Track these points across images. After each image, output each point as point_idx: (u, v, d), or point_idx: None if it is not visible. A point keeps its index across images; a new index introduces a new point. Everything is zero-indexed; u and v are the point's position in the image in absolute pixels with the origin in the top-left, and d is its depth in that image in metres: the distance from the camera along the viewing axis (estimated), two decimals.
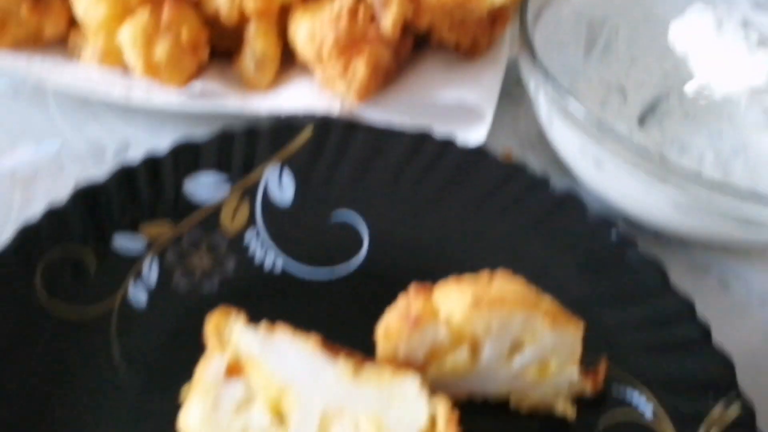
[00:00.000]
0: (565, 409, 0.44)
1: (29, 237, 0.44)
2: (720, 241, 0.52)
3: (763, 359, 0.50)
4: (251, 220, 0.50)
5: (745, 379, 0.43)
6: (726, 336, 0.45)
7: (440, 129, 0.53)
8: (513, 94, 0.62)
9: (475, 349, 0.42)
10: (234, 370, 0.39)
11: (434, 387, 0.40)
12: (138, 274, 0.46)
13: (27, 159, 0.53)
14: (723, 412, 0.43)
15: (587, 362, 0.43)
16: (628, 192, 0.49)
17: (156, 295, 0.46)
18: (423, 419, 0.37)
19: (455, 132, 0.53)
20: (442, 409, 0.37)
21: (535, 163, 0.58)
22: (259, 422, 0.37)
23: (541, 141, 0.60)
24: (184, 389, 0.38)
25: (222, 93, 0.54)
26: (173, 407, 0.39)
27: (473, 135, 0.54)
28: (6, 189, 0.51)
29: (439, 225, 0.51)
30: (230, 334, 0.40)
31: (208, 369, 0.39)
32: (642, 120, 0.59)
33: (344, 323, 0.44)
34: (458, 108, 0.55)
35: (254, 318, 0.41)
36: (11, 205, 0.50)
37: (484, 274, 0.43)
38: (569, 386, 0.43)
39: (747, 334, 0.51)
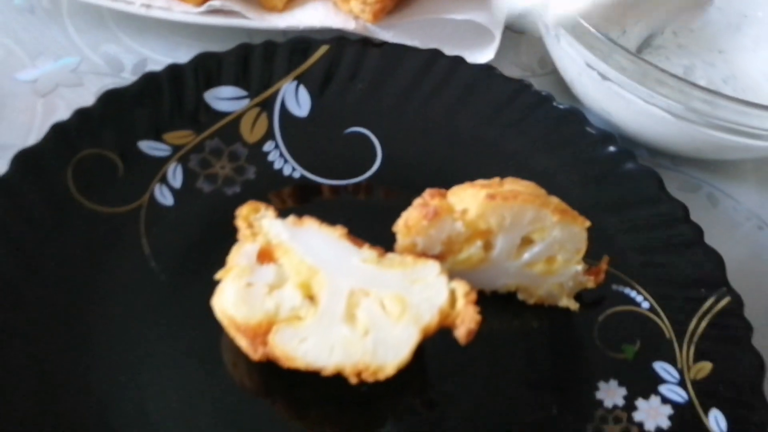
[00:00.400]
0: (568, 303, 0.47)
1: (60, 134, 0.46)
2: (710, 157, 0.56)
3: (749, 268, 0.54)
4: (270, 133, 0.52)
5: (732, 284, 0.47)
6: (715, 247, 0.49)
7: (450, 51, 0.55)
8: (514, 26, 0.65)
9: (488, 243, 0.45)
10: (265, 256, 0.41)
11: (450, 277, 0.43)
12: (163, 178, 0.48)
13: (47, 72, 0.54)
14: (714, 304, 0.46)
15: (589, 263, 0.46)
16: (627, 108, 0.52)
17: (181, 195, 0.48)
18: (443, 297, 0.40)
19: (465, 54, 0.56)
20: (462, 289, 0.40)
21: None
22: (290, 301, 0.39)
23: (543, 68, 0.63)
24: (219, 274, 0.41)
25: (240, 10, 0.55)
26: (202, 294, 0.41)
27: (482, 56, 0.56)
28: (29, 98, 0.52)
29: (450, 139, 0.53)
30: (260, 224, 0.42)
31: (241, 255, 0.41)
32: (639, 51, 0.62)
33: (361, 223, 0.46)
34: (468, 29, 0.58)
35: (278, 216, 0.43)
36: (35, 114, 0.51)
37: (496, 178, 0.45)
38: (573, 281, 0.46)
39: (734, 246, 0.54)
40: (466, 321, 0.39)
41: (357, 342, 0.38)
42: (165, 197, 0.48)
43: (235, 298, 0.39)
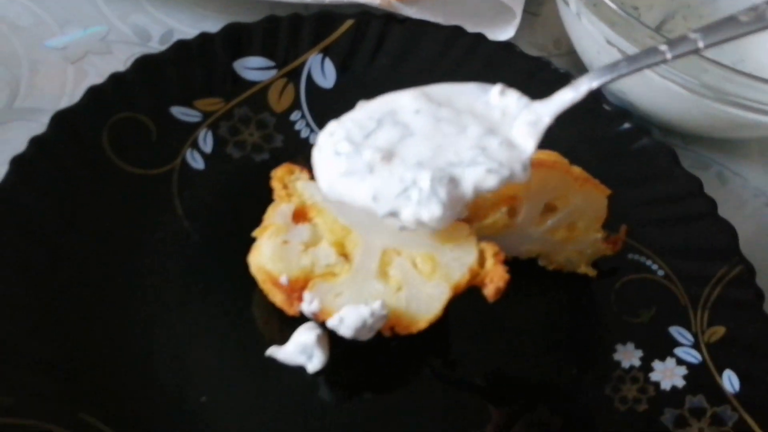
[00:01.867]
0: (586, 270, 0.49)
1: (96, 97, 0.47)
2: (721, 135, 0.58)
3: (757, 243, 0.56)
4: (296, 103, 0.53)
5: None
6: None
7: (472, 28, 0.57)
8: (530, 8, 0.66)
9: (512, 209, 0.46)
10: (300, 215, 0.43)
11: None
12: (194, 143, 0.49)
13: (76, 40, 0.55)
14: (726, 273, 0.48)
15: (608, 232, 0.48)
16: (643, 84, 0.53)
17: (212, 160, 0.49)
18: (473, 257, 0.41)
19: (486, 31, 0.57)
20: (491, 249, 0.41)
21: None
22: (325, 258, 0.41)
23: (558, 48, 0.64)
24: (255, 232, 0.42)
25: None
26: (232, 253, 0.43)
27: (502, 34, 0.58)
28: (59, 65, 0.53)
29: None
30: (295, 185, 0.43)
31: (277, 214, 0.42)
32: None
33: None
34: (489, 7, 0.59)
35: None
36: (66, 80, 0.52)
37: None
38: (592, 248, 0.48)
39: (742, 222, 0.55)
40: (495, 279, 0.40)
41: (390, 297, 0.40)
42: (196, 161, 0.49)
43: (272, 254, 0.40)
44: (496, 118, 0.40)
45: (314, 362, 0.41)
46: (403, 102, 0.41)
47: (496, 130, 0.40)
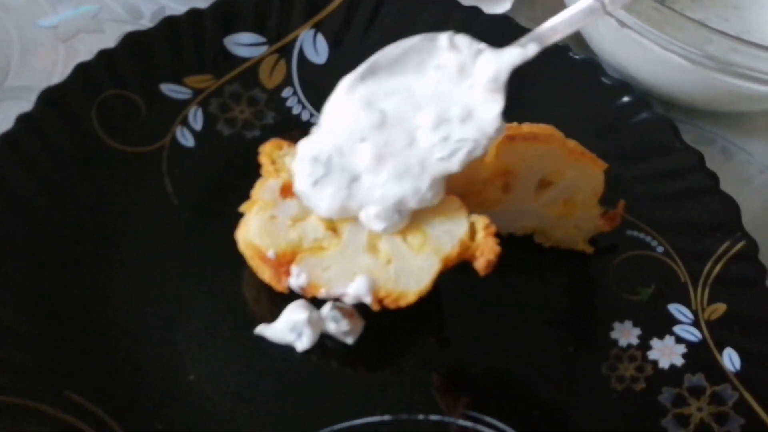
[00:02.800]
0: (584, 247, 0.48)
1: (84, 74, 0.46)
2: (724, 108, 0.56)
3: (762, 219, 0.54)
4: (288, 79, 0.52)
5: None
6: None
7: (467, 1, 0.55)
8: None
9: (506, 184, 0.45)
10: (288, 191, 0.42)
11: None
12: (184, 120, 0.49)
13: (68, 18, 0.54)
14: (728, 248, 0.47)
15: (605, 208, 0.47)
16: (644, 56, 0.52)
17: (202, 137, 0.48)
18: (464, 230, 0.40)
19: (482, 4, 0.56)
20: (481, 222, 0.40)
21: None
22: (313, 232, 0.40)
23: None
24: (243, 207, 0.41)
25: None
26: (222, 231, 0.42)
27: (499, 7, 0.57)
28: (50, 43, 0.53)
29: None
30: (283, 161, 0.43)
31: (265, 189, 0.41)
32: None
33: None
34: None
35: None
36: (57, 58, 0.52)
37: (514, 123, 0.46)
38: (590, 224, 0.47)
39: (747, 198, 0.54)
40: (486, 252, 0.39)
41: (380, 270, 0.39)
42: (186, 139, 0.48)
43: (260, 229, 0.40)
44: (450, 83, 0.39)
45: (303, 341, 0.41)
46: (347, 131, 0.40)
47: (453, 103, 0.38)
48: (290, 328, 0.41)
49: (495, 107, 0.39)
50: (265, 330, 0.42)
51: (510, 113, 0.52)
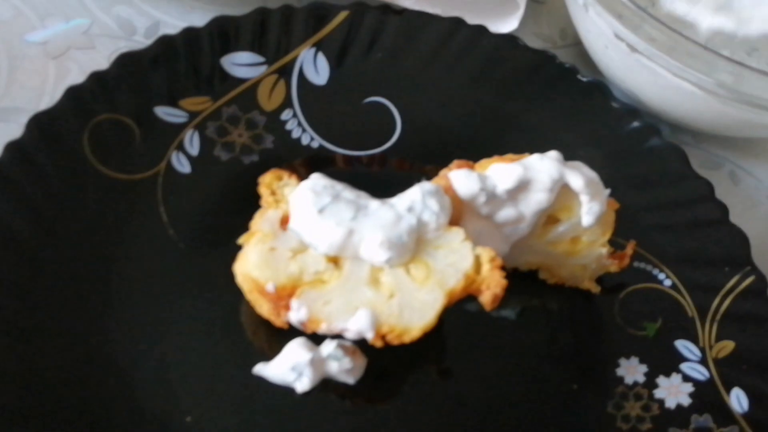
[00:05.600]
0: (590, 286, 0.47)
1: (76, 98, 0.44)
2: (735, 134, 0.55)
3: None
4: (288, 101, 0.50)
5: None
6: (737, 225, 0.48)
7: (473, 20, 0.54)
8: None
9: None
10: (288, 222, 0.40)
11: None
12: (180, 145, 0.47)
13: (58, 34, 0.52)
14: (738, 283, 0.46)
15: (613, 242, 0.45)
16: (654, 82, 0.50)
17: (199, 163, 0.47)
18: (469, 263, 0.39)
19: (487, 23, 0.54)
20: (487, 254, 0.39)
21: None
22: (314, 265, 0.39)
23: (564, 39, 0.61)
24: (241, 239, 0.40)
25: None
26: (220, 262, 0.41)
27: (505, 26, 0.55)
28: (40, 61, 0.50)
29: (471, 111, 0.52)
30: (283, 192, 0.41)
31: (264, 220, 0.40)
32: None
33: (382, 194, 0.45)
34: None
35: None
36: (47, 77, 0.50)
37: (526, 154, 0.44)
38: (597, 264, 0.45)
39: (755, 224, 0.54)
40: (492, 286, 0.38)
41: (382, 304, 0.38)
42: (182, 165, 0.46)
43: (259, 261, 0.38)
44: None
45: (304, 382, 0.40)
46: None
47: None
48: (290, 368, 0.40)
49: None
50: (263, 369, 0.40)
51: (514, 138, 0.51)
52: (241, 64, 0.50)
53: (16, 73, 0.50)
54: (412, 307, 0.38)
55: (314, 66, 0.51)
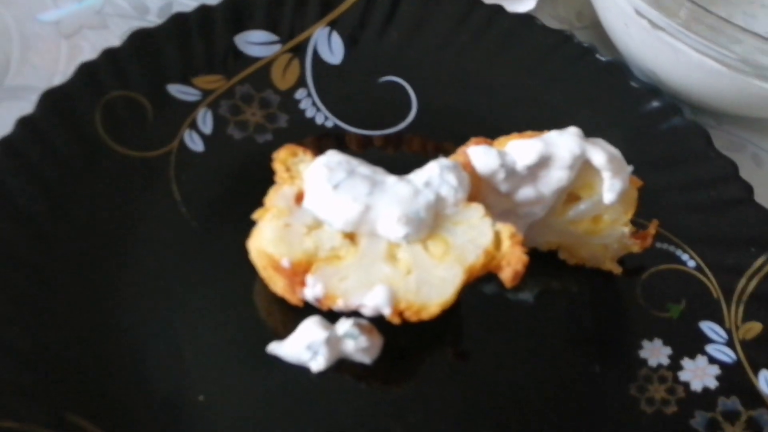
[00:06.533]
0: (611, 267, 0.45)
1: (88, 74, 0.44)
2: (758, 114, 0.54)
3: None
4: (302, 80, 0.50)
5: None
6: None
7: (489, 0, 0.53)
8: None
9: None
10: (303, 198, 0.39)
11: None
12: (193, 123, 0.46)
13: (70, 13, 0.52)
14: (764, 263, 0.45)
15: (635, 223, 0.44)
16: (676, 60, 0.49)
17: (212, 141, 0.46)
18: (488, 239, 0.38)
19: (504, 2, 0.53)
20: (507, 231, 0.38)
21: None
22: (329, 241, 0.38)
23: (581, 21, 0.60)
24: (256, 214, 0.39)
25: None
26: (233, 241, 0.40)
27: (522, 6, 0.54)
28: (52, 40, 0.50)
29: (488, 91, 0.51)
30: (298, 168, 0.40)
31: (279, 197, 0.39)
32: None
33: (398, 173, 0.44)
34: None
35: None
36: (59, 56, 0.50)
37: (546, 131, 0.43)
38: (618, 243, 0.44)
39: None
40: (512, 262, 0.37)
41: (399, 281, 0.37)
42: (195, 143, 0.46)
43: (274, 237, 0.37)
44: None
45: (319, 361, 0.39)
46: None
47: None
48: (305, 346, 0.39)
49: None
50: (278, 348, 0.39)
51: (531, 118, 0.50)
52: (255, 42, 0.49)
53: (29, 52, 0.50)
54: (431, 284, 0.37)
55: (329, 45, 0.51)
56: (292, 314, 0.40)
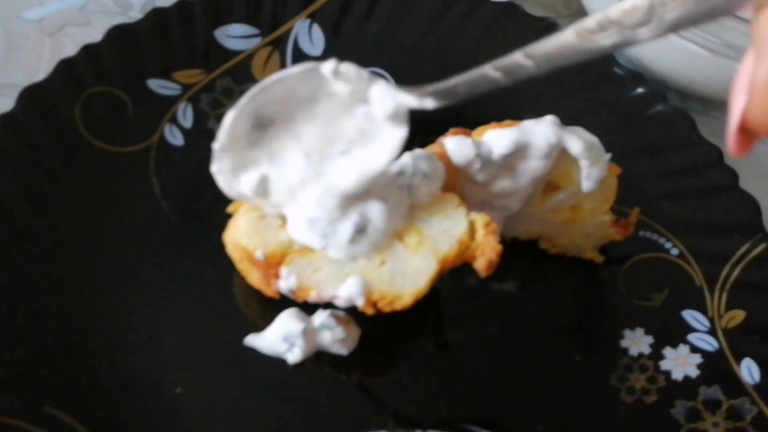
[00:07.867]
0: (592, 256, 0.45)
1: (68, 71, 0.44)
2: None
3: None
4: None
5: None
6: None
7: None
8: None
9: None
10: None
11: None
12: (173, 118, 0.46)
13: (54, 11, 0.52)
14: (748, 251, 0.44)
15: (617, 211, 0.44)
16: (660, 45, 0.49)
17: (192, 135, 0.46)
18: (462, 228, 0.38)
19: None
20: (481, 220, 0.38)
21: None
22: None
23: (567, 8, 0.60)
24: (231, 207, 0.39)
25: None
26: (213, 234, 0.40)
27: None
28: (36, 38, 0.50)
29: None
30: None
31: None
32: None
33: None
34: None
35: None
36: (42, 53, 0.50)
37: (524, 120, 0.43)
38: (599, 232, 0.44)
39: (767, 193, 0.52)
40: (487, 251, 0.37)
41: (373, 272, 0.37)
42: (175, 137, 0.46)
43: (248, 229, 0.38)
44: (343, 110, 0.38)
45: (296, 353, 0.39)
46: None
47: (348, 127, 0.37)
48: (282, 338, 0.39)
49: (398, 134, 0.36)
50: (255, 340, 0.40)
51: (515, 107, 0.50)
52: (235, 36, 0.49)
53: (12, 50, 0.50)
54: (404, 274, 0.37)
55: (309, 37, 0.51)
56: (269, 307, 0.40)
